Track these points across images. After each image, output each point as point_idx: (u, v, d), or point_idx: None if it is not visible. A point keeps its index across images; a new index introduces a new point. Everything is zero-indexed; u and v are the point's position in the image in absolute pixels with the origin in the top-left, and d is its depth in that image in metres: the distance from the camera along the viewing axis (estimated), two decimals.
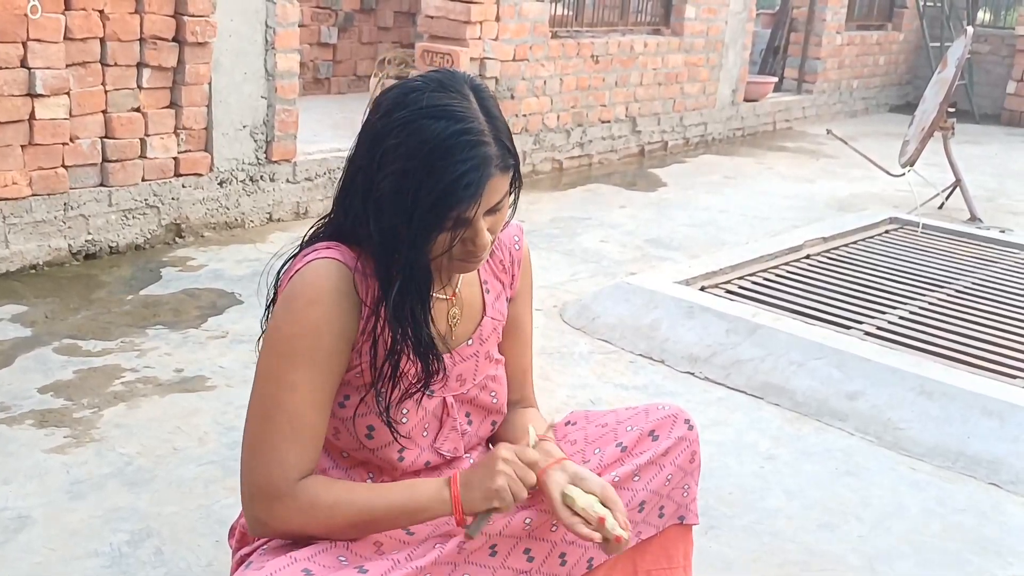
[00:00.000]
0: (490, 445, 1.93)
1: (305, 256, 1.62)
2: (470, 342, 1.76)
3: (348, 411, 1.66)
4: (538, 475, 1.63)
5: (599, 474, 1.74)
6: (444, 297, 1.71)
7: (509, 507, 1.59)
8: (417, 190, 1.50)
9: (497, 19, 6.20)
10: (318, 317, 1.56)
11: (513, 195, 1.62)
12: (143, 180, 4.55)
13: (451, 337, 1.72)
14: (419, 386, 1.66)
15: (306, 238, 1.69)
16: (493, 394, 1.80)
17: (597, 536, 1.60)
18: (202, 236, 4.84)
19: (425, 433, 1.72)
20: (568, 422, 1.91)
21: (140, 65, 4.43)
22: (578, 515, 1.60)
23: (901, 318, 4.17)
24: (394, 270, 1.56)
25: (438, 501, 1.58)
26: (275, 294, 1.67)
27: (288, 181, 5.20)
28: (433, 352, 1.64)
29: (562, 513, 1.60)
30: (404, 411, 1.68)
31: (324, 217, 1.69)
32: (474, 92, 1.58)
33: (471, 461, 1.82)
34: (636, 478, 1.76)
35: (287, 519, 1.57)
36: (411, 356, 1.62)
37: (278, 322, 1.59)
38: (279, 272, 1.68)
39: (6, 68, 3.99)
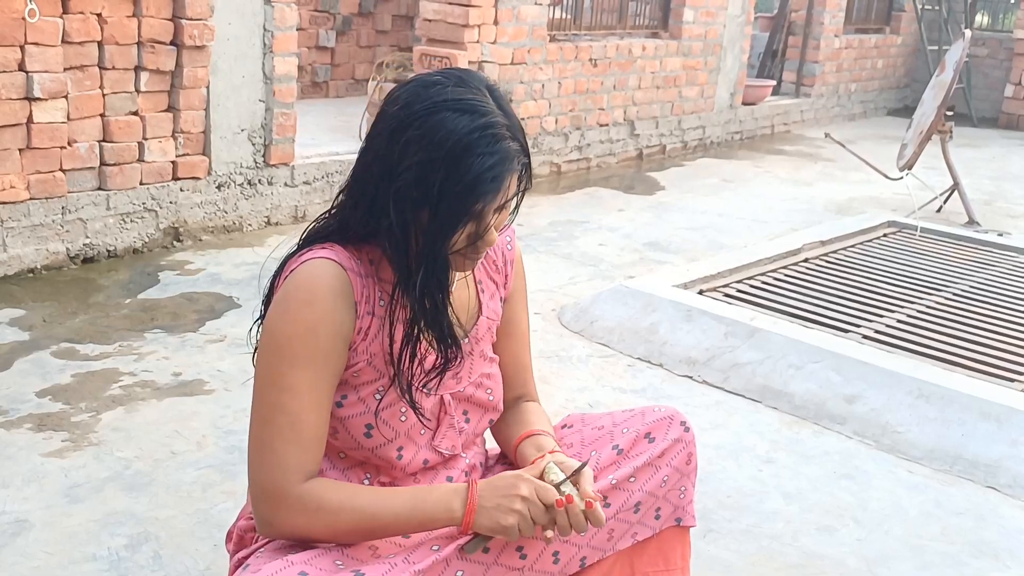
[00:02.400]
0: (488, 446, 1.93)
1: (301, 256, 1.63)
2: (466, 340, 1.76)
3: (346, 411, 1.66)
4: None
5: (596, 477, 1.75)
6: None
7: (513, 539, 1.61)
8: (443, 181, 1.53)
9: (495, 22, 6.20)
10: (314, 318, 1.57)
11: (519, 196, 1.64)
12: (141, 184, 4.55)
13: None
14: (437, 373, 1.68)
15: (305, 235, 1.69)
16: (489, 391, 1.81)
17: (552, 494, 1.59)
18: (200, 240, 4.84)
19: (423, 431, 1.73)
20: (565, 425, 1.91)
21: (138, 69, 4.43)
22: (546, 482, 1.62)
23: (899, 321, 4.17)
24: (413, 260, 1.58)
25: (446, 513, 1.58)
26: (270, 293, 1.67)
27: (286, 185, 5.20)
28: (453, 339, 1.66)
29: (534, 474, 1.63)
30: (403, 410, 1.68)
31: (325, 213, 1.69)
32: (489, 92, 1.60)
33: (467, 460, 1.82)
34: (632, 479, 1.76)
35: (291, 521, 1.57)
36: (432, 344, 1.65)
37: (274, 323, 1.59)
38: (276, 271, 1.68)
39: (4, 72, 3.98)
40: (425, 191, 1.54)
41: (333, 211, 1.68)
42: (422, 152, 1.53)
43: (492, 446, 1.96)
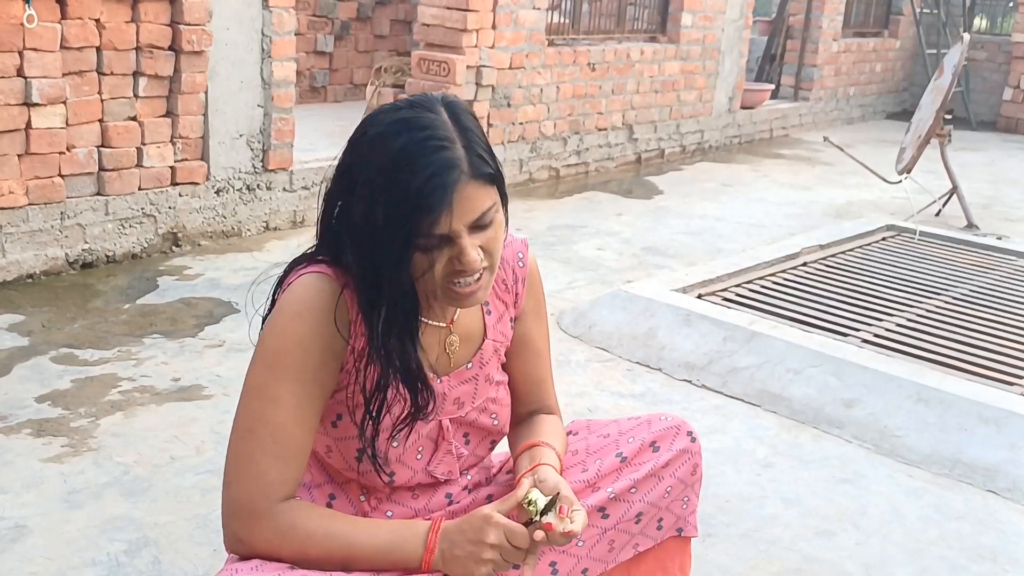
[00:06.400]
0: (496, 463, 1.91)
1: (298, 271, 1.59)
2: (469, 365, 1.71)
3: (340, 431, 1.63)
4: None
5: (596, 484, 1.74)
6: (441, 325, 1.66)
7: None
8: (385, 207, 1.45)
9: (493, 27, 6.21)
10: (304, 332, 1.53)
11: (502, 211, 1.55)
12: (139, 189, 4.55)
13: (449, 362, 1.68)
14: (408, 420, 1.61)
15: (300, 257, 1.64)
16: (494, 416, 1.75)
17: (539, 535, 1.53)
18: (199, 245, 4.84)
19: (419, 456, 1.68)
20: (570, 432, 1.88)
21: (136, 74, 4.43)
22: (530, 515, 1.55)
23: (898, 325, 4.17)
24: (376, 300, 1.50)
25: (418, 557, 1.52)
26: (272, 306, 1.64)
27: (285, 190, 5.20)
28: (422, 383, 1.58)
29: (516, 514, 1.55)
30: (395, 436, 1.64)
31: (311, 248, 1.64)
32: (447, 108, 1.52)
33: (468, 477, 1.79)
34: (633, 490, 1.74)
35: (263, 538, 1.51)
36: (399, 388, 1.57)
37: (266, 335, 1.56)
38: (276, 284, 1.65)
39: (2, 77, 3.99)
40: (373, 223, 1.46)
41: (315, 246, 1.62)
42: (365, 184, 1.47)
43: (495, 452, 1.93)
